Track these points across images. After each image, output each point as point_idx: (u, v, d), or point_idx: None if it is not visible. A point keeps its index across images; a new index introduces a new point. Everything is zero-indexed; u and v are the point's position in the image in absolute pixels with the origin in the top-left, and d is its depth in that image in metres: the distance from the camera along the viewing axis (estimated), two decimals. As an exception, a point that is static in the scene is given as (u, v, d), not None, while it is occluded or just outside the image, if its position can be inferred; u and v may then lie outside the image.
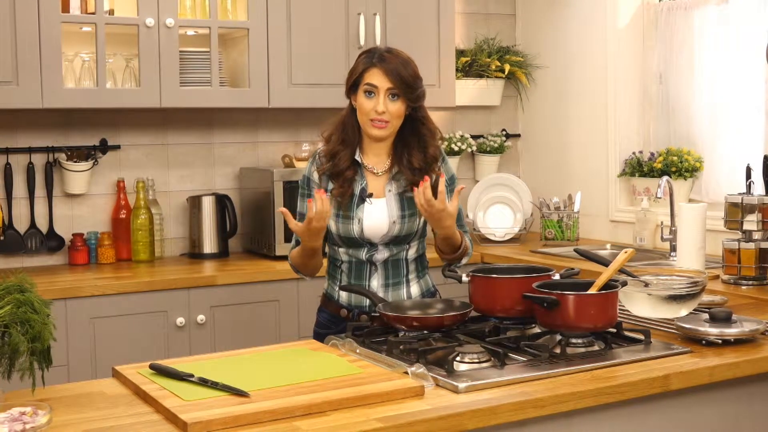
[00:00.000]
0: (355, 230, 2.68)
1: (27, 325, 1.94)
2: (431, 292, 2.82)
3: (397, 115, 2.65)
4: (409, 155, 2.70)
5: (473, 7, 4.90)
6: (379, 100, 2.62)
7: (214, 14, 3.90)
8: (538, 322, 2.37)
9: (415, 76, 2.66)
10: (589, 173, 4.59)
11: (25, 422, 1.70)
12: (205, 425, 1.76)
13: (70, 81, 3.80)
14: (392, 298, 2.70)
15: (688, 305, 2.55)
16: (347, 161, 2.70)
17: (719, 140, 4.07)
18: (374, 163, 2.74)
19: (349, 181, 2.69)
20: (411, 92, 2.65)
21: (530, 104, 4.96)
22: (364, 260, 2.72)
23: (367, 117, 2.65)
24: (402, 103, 2.65)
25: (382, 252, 2.71)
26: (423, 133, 2.72)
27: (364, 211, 2.69)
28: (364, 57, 2.69)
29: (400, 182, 2.72)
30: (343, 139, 2.72)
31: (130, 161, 4.13)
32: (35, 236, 3.92)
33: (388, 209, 2.70)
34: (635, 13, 4.41)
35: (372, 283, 2.72)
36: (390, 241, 2.70)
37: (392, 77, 2.62)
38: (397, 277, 2.74)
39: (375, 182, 2.74)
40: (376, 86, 2.63)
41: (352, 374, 2.06)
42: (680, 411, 2.21)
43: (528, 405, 1.94)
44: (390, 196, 2.72)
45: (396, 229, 2.69)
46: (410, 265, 2.77)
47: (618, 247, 4.03)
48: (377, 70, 2.64)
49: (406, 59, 2.68)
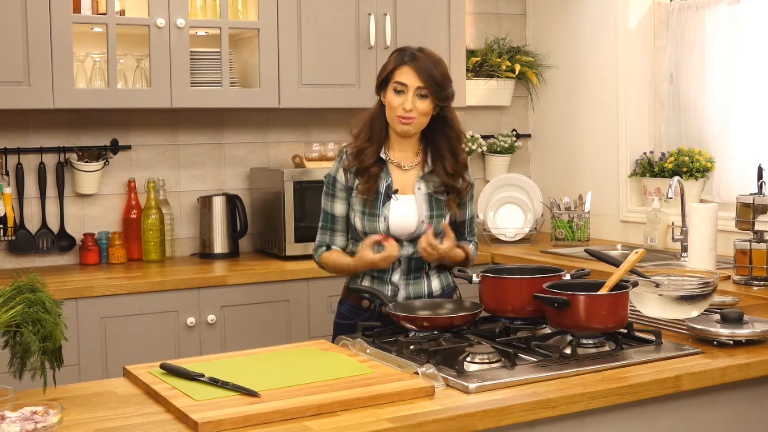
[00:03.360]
0: (381, 227, 2.71)
1: (38, 324, 1.95)
2: (452, 287, 2.85)
3: (423, 113, 2.69)
4: (442, 159, 2.75)
5: (484, 7, 4.89)
6: (408, 97, 2.66)
7: (225, 14, 3.90)
8: (549, 323, 2.37)
9: (444, 76, 2.70)
10: (600, 173, 4.58)
11: (37, 421, 1.70)
12: (216, 425, 1.76)
13: (81, 81, 3.81)
14: (413, 292, 2.74)
15: (699, 306, 2.54)
16: (373, 157, 2.74)
17: (730, 140, 4.05)
18: (401, 158, 2.78)
19: (374, 177, 2.73)
20: (440, 92, 2.69)
21: (541, 104, 4.96)
22: None
23: (394, 113, 2.69)
24: (430, 102, 2.69)
25: (407, 248, 2.74)
26: (450, 137, 2.77)
27: (390, 209, 2.72)
28: (396, 55, 2.72)
29: (429, 183, 2.76)
30: (370, 136, 2.76)
31: (140, 161, 4.14)
32: (46, 236, 3.93)
33: (418, 208, 2.74)
34: (646, 12, 4.40)
35: (394, 277, 2.75)
36: (415, 238, 2.72)
37: (423, 76, 2.66)
38: (419, 272, 2.77)
39: (401, 177, 2.77)
40: (405, 84, 2.67)
41: (362, 374, 2.06)
42: (691, 412, 2.20)
43: (539, 405, 1.94)
44: (420, 194, 2.75)
45: (424, 227, 2.72)
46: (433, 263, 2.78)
47: (629, 248, 4.02)
48: (408, 68, 2.67)
49: (437, 59, 2.72)
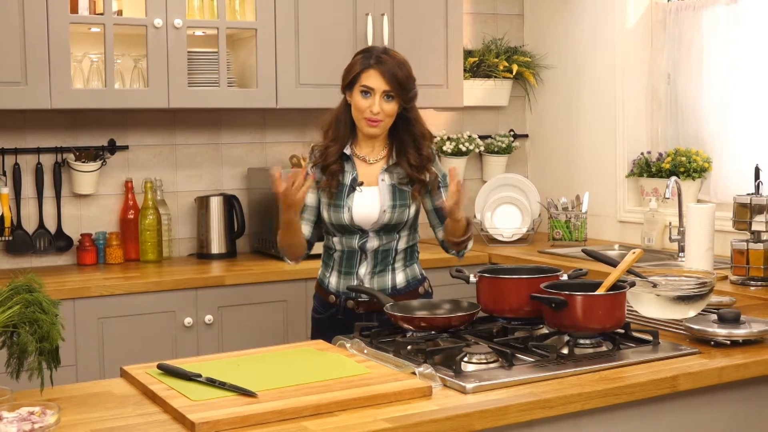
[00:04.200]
0: (346, 218, 2.81)
1: (35, 325, 1.95)
2: (418, 280, 2.93)
3: (390, 114, 2.79)
4: (406, 153, 2.83)
5: (481, 8, 4.89)
6: (375, 100, 2.75)
7: (222, 15, 3.90)
8: (546, 323, 2.37)
9: (409, 78, 2.79)
10: (597, 173, 4.58)
11: (34, 422, 1.70)
12: (213, 425, 1.76)
13: (78, 81, 3.81)
14: (377, 285, 2.84)
15: (697, 306, 2.54)
16: (334, 156, 2.83)
17: (728, 141, 4.06)
18: (367, 152, 2.87)
19: (334, 174, 2.83)
20: (405, 93, 2.78)
21: (538, 104, 4.96)
22: (356, 248, 2.84)
23: (362, 115, 2.78)
24: (396, 103, 2.78)
25: (373, 241, 2.84)
26: (415, 134, 2.85)
27: (354, 200, 2.82)
28: (361, 57, 2.81)
29: (394, 174, 2.85)
30: (335, 136, 2.86)
31: (138, 161, 4.14)
32: (44, 236, 3.93)
33: (380, 197, 2.82)
34: (644, 13, 4.40)
35: (360, 270, 2.85)
36: (381, 229, 2.82)
37: (388, 79, 2.74)
38: (384, 264, 2.86)
39: (367, 170, 2.86)
40: (372, 88, 2.75)
41: (359, 374, 2.06)
42: (689, 412, 2.20)
43: (536, 406, 1.94)
44: (383, 185, 2.84)
45: (386, 217, 2.81)
46: (398, 254, 2.88)
47: (626, 248, 4.02)
48: (374, 71, 2.76)
49: (401, 61, 2.80)
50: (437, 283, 3.13)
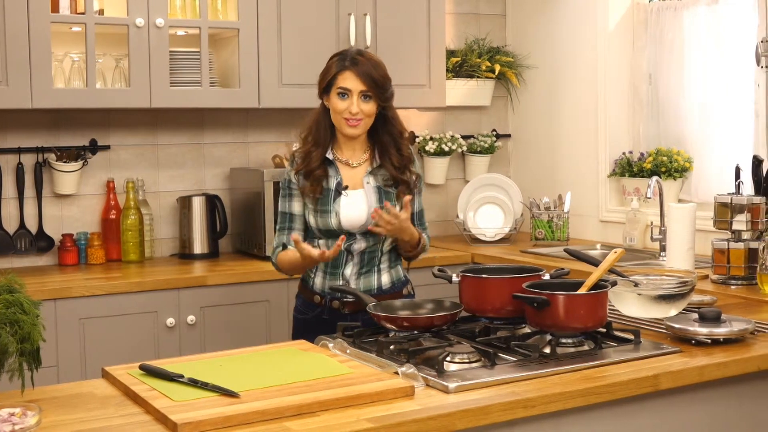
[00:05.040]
0: (333, 223, 2.82)
1: (16, 325, 1.94)
2: (402, 281, 2.96)
3: (369, 114, 2.81)
4: (389, 155, 2.87)
5: (463, 8, 4.90)
6: (353, 101, 2.78)
7: (205, 14, 3.89)
8: (528, 322, 2.37)
9: (385, 78, 2.82)
10: (579, 173, 4.60)
11: (15, 423, 1.69)
12: (195, 426, 1.76)
13: (59, 81, 3.79)
14: (363, 286, 2.85)
15: (678, 305, 2.55)
16: (318, 161, 2.85)
17: (709, 140, 4.08)
18: (349, 156, 2.89)
19: (319, 179, 2.84)
20: (382, 93, 2.81)
21: (520, 104, 4.97)
22: (342, 250, 2.82)
23: (341, 116, 2.81)
24: (374, 103, 2.81)
25: (360, 242, 2.85)
26: (394, 133, 2.89)
27: (341, 204, 2.83)
28: (337, 60, 2.83)
29: (378, 176, 2.88)
30: (315, 140, 2.88)
31: (120, 161, 4.12)
32: (25, 237, 3.91)
33: (367, 200, 2.85)
34: (625, 13, 4.42)
35: (346, 271, 2.86)
36: (368, 231, 2.83)
37: (365, 79, 2.77)
38: (370, 266, 2.88)
39: (351, 174, 2.88)
40: (349, 89, 2.78)
41: (342, 374, 2.06)
42: (670, 411, 2.21)
43: (518, 405, 1.95)
44: (369, 188, 2.87)
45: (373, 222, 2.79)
46: (384, 256, 2.90)
47: (608, 247, 4.04)
48: (350, 73, 2.78)
49: (376, 61, 2.83)
50: (419, 282, 3.13)
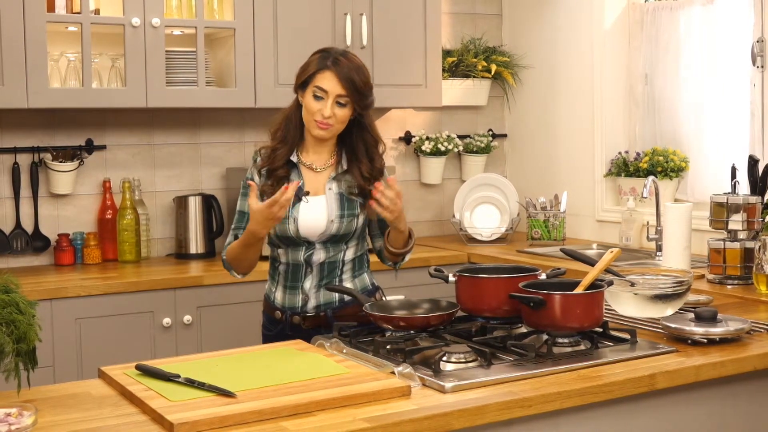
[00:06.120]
0: (291, 229, 2.68)
1: (12, 325, 1.94)
2: (369, 290, 2.80)
3: (341, 121, 2.66)
4: (359, 162, 2.71)
5: (460, 7, 4.90)
6: (327, 104, 2.62)
7: (201, 14, 3.89)
8: (525, 322, 2.37)
9: (366, 84, 2.65)
10: (576, 173, 4.60)
11: (11, 423, 1.69)
12: (192, 426, 1.76)
13: (55, 81, 3.79)
14: (323, 299, 2.72)
15: (674, 305, 2.56)
16: (282, 160, 2.71)
17: (705, 140, 4.09)
18: (314, 160, 2.74)
19: (280, 180, 2.68)
20: (361, 100, 2.65)
21: (517, 104, 4.97)
22: (301, 262, 2.71)
23: (312, 117, 2.65)
24: (349, 110, 2.65)
25: (319, 253, 2.71)
26: (368, 142, 2.73)
27: (300, 210, 2.68)
28: (319, 57, 2.67)
29: (342, 183, 2.72)
30: (284, 137, 2.73)
31: (116, 161, 4.12)
32: (21, 236, 3.91)
33: (327, 208, 2.69)
34: (621, 13, 4.42)
35: (305, 284, 2.72)
36: (327, 240, 2.70)
37: (345, 83, 2.61)
38: (331, 277, 2.73)
39: (313, 179, 2.73)
40: (326, 91, 2.62)
41: (338, 374, 2.06)
42: (666, 410, 2.21)
43: (514, 405, 1.95)
44: (330, 194, 2.71)
45: (334, 227, 2.69)
46: (346, 266, 2.75)
47: (604, 247, 4.04)
48: (330, 73, 2.62)
49: (360, 66, 2.66)
50: (416, 282, 3.14)
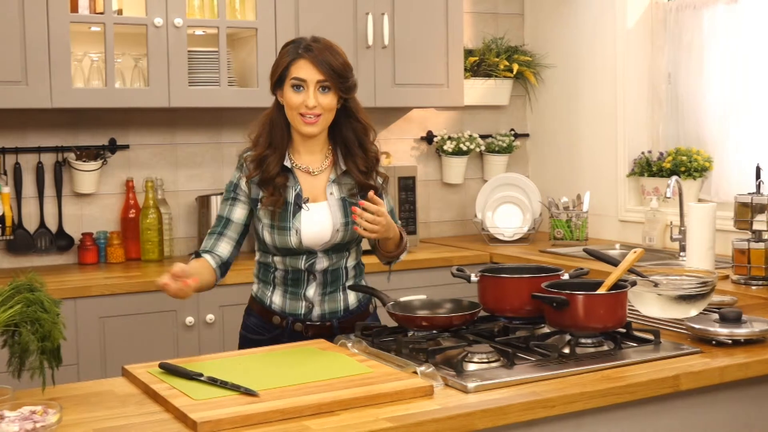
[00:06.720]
0: (293, 241, 2.51)
1: (37, 324, 1.95)
2: (367, 297, 2.69)
3: (328, 109, 2.48)
4: (353, 157, 2.56)
5: (481, 7, 4.89)
6: (309, 93, 2.45)
7: (223, 14, 3.90)
8: (548, 322, 2.37)
9: (345, 65, 2.50)
10: (598, 173, 4.58)
11: (36, 421, 1.70)
12: (215, 424, 1.76)
13: (79, 81, 3.81)
14: (328, 309, 2.60)
15: (698, 305, 2.54)
16: (276, 166, 2.52)
17: (729, 140, 4.06)
18: (308, 162, 2.57)
19: (279, 188, 2.51)
20: (343, 83, 2.48)
21: (539, 104, 4.96)
22: (302, 269, 2.56)
23: (296, 112, 2.48)
24: (334, 95, 2.48)
25: (322, 261, 2.56)
26: (357, 129, 2.55)
27: (302, 220, 2.51)
28: (290, 48, 2.51)
29: (342, 186, 2.57)
30: (270, 142, 2.54)
31: (139, 161, 4.14)
32: (45, 236, 3.93)
33: (331, 215, 2.54)
34: (644, 12, 4.40)
35: (308, 292, 2.57)
36: (331, 248, 2.55)
37: (322, 68, 2.45)
38: (335, 286, 2.60)
39: (311, 183, 2.56)
40: (304, 80, 2.46)
41: (361, 374, 2.06)
42: (690, 411, 2.20)
43: (537, 405, 1.94)
44: (332, 200, 2.55)
45: (339, 236, 2.54)
46: (349, 273, 2.63)
47: (627, 247, 4.02)
48: (305, 61, 2.46)
49: (333, 47, 2.51)
50: (438, 282, 3.13)
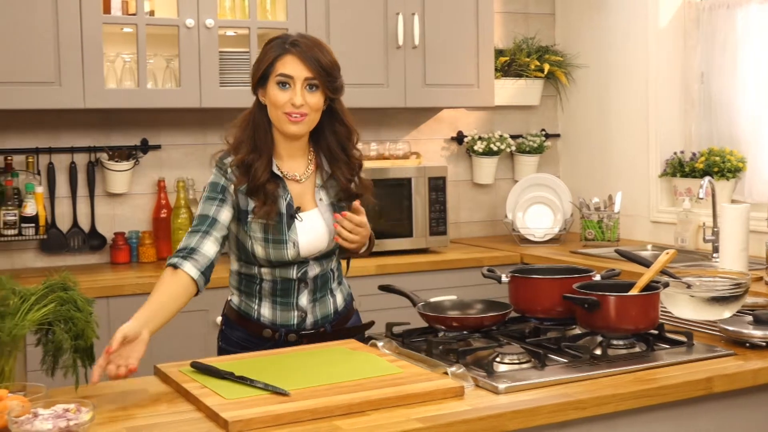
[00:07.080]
0: (290, 254, 2.39)
1: (70, 323, 1.97)
2: (349, 294, 2.61)
3: (315, 108, 2.35)
4: (337, 162, 2.44)
5: (512, 7, 4.88)
6: (296, 91, 2.32)
7: (254, 15, 3.92)
8: (579, 323, 2.36)
9: (334, 64, 2.38)
10: (630, 173, 4.55)
11: (69, 419, 1.71)
12: (246, 424, 1.77)
13: (111, 81, 3.84)
14: (320, 314, 2.49)
15: (732, 307, 2.51)
16: (265, 172, 2.36)
17: (762, 140, 4.02)
18: (293, 168, 2.43)
19: (271, 197, 2.35)
20: (331, 82, 2.36)
21: (570, 104, 4.93)
22: (293, 278, 2.44)
23: (280, 111, 2.33)
24: (321, 95, 2.36)
25: (314, 268, 2.45)
26: (339, 133, 2.44)
27: (298, 232, 2.39)
28: (275, 44, 2.36)
29: (329, 191, 2.47)
30: (254, 146, 2.38)
31: (170, 161, 4.16)
32: (78, 235, 3.97)
33: (325, 222, 2.43)
34: (677, 12, 4.36)
35: (301, 301, 2.45)
36: (324, 255, 2.47)
37: (310, 65, 2.32)
38: (324, 290, 2.50)
39: (298, 191, 2.44)
40: (291, 76, 2.32)
41: (392, 374, 2.06)
42: (724, 414, 2.18)
43: (569, 406, 1.93)
44: (323, 206, 2.44)
45: (334, 243, 2.44)
46: (335, 274, 2.54)
47: (659, 248, 3.99)
48: (292, 57, 2.33)
49: (322, 44, 2.39)
50: (469, 282, 3.12)
